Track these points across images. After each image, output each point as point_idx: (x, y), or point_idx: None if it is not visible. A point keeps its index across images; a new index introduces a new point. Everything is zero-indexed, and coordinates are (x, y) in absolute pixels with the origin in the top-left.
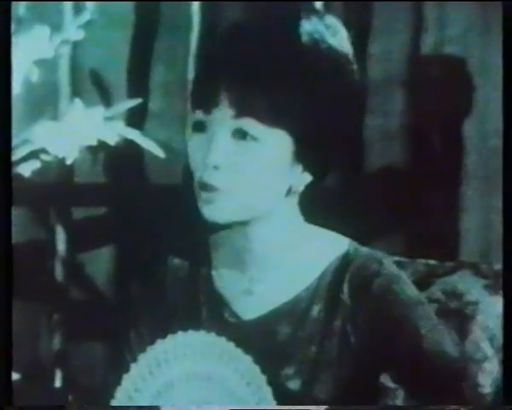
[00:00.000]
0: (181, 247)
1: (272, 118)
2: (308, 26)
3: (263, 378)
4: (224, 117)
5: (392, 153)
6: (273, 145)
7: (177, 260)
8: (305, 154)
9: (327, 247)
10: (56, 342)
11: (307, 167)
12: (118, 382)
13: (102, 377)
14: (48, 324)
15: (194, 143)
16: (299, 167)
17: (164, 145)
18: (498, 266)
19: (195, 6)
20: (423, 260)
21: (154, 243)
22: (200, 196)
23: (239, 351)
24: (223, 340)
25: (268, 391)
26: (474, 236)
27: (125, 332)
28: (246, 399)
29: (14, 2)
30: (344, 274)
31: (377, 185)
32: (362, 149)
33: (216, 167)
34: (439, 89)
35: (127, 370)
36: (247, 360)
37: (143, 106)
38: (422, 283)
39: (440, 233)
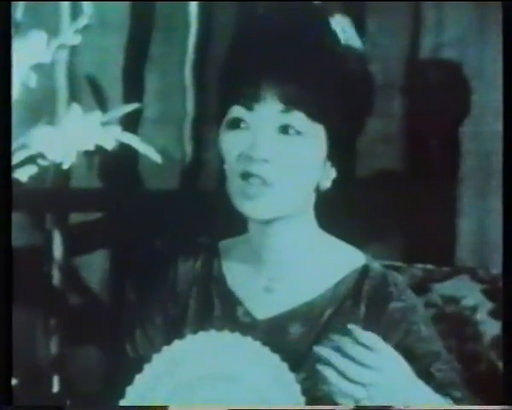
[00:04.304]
0: (190, 248)
1: (317, 112)
2: (336, 26)
3: (291, 377)
4: (270, 112)
5: (388, 157)
6: (314, 140)
7: (187, 262)
8: (337, 149)
9: (344, 257)
10: (54, 346)
11: (336, 163)
12: (121, 385)
13: (105, 381)
14: (46, 328)
15: (233, 138)
16: (329, 163)
17: (161, 150)
18: (495, 271)
19: (193, 10)
20: (421, 265)
21: (159, 246)
22: (243, 192)
23: (266, 350)
24: (248, 339)
25: (297, 389)
26: (471, 240)
27: (130, 335)
28: (271, 398)
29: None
30: (361, 288)
31: (374, 189)
32: (359, 152)
33: (265, 160)
34: (437, 93)
35: (138, 371)
36: (273, 359)
37: (140, 111)
38: (420, 288)
39: (438, 238)
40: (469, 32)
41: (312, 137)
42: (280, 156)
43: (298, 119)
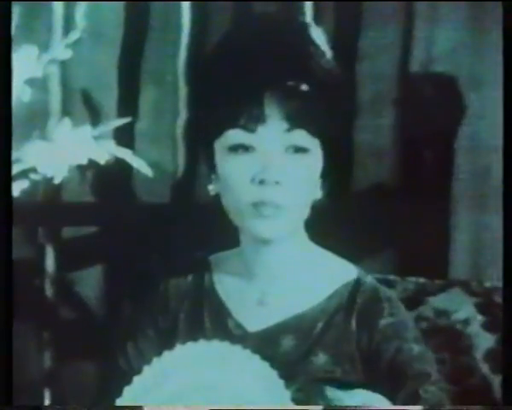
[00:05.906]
0: (182, 262)
1: (317, 127)
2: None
3: (280, 383)
4: (275, 133)
5: (382, 171)
6: (316, 156)
7: (179, 275)
8: (331, 162)
9: (336, 270)
10: (48, 361)
11: (329, 176)
12: (113, 397)
13: (97, 394)
14: (39, 342)
15: (240, 163)
16: (320, 181)
17: (154, 164)
18: (489, 284)
19: (185, 24)
20: (414, 279)
21: (150, 259)
22: (255, 213)
23: (256, 357)
24: (237, 348)
25: (287, 396)
26: (464, 254)
27: (122, 349)
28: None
29: None
30: (353, 302)
31: (367, 203)
32: (352, 166)
33: (277, 183)
34: (430, 106)
35: (128, 383)
36: (263, 367)
37: (133, 124)
38: (413, 301)
39: (431, 251)
40: (462, 45)
41: (314, 153)
42: (290, 177)
43: (301, 136)
